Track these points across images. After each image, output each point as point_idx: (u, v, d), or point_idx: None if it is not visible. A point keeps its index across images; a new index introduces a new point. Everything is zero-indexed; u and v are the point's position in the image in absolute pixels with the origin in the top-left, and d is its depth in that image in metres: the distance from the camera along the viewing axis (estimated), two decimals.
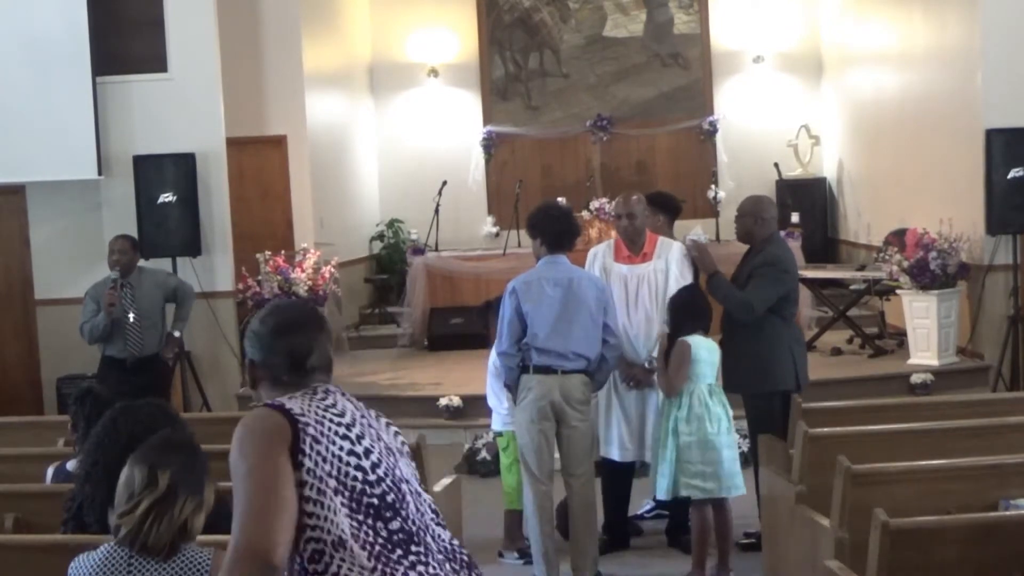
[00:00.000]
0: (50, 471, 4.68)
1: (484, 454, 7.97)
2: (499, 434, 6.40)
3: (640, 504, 6.75)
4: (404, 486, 2.79)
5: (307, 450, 2.63)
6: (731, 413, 5.82)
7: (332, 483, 2.64)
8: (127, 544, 3.05)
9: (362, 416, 2.82)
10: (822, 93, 13.58)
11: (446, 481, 5.71)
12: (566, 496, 5.89)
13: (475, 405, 8.51)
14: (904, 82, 11.13)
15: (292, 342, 2.81)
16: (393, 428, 2.92)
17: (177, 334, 8.01)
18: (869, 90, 12.15)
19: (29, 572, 3.68)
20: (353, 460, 2.70)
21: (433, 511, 2.87)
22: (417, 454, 5.17)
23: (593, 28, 13.76)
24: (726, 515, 5.81)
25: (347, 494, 2.66)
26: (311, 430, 2.66)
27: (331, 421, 2.71)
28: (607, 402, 6.21)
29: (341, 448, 2.69)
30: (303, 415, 2.68)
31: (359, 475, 2.69)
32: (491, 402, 6.40)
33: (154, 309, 7.80)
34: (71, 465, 4.49)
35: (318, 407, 2.73)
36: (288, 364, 2.80)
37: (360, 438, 2.74)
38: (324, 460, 2.65)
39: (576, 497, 5.75)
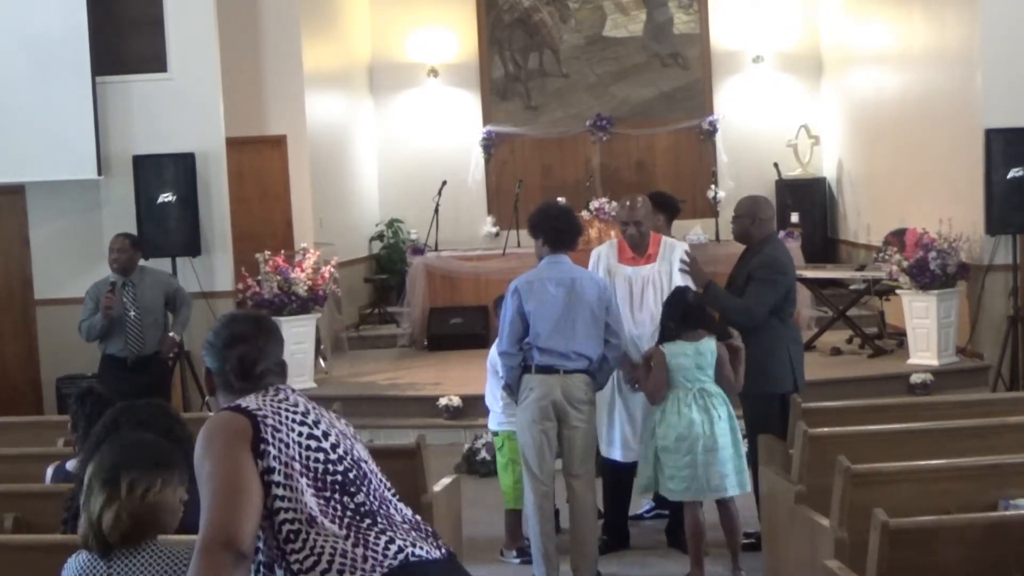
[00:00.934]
0: (50, 471, 4.68)
1: (484, 454, 7.97)
2: (496, 434, 6.40)
3: (640, 504, 6.75)
4: (364, 465, 3.02)
5: (269, 439, 2.85)
6: (722, 415, 5.73)
7: (297, 466, 2.86)
8: (92, 549, 3.06)
9: (315, 407, 3.05)
10: (822, 93, 13.58)
11: (446, 481, 5.71)
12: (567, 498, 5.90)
13: (475, 405, 8.51)
14: (904, 82, 11.14)
15: (241, 351, 3.05)
16: (344, 420, 3.14)
17: (176, 337, 7.97)
18: (869, 90, 12.15)
19: (29, 572, 3.67)
20: (313, 443, 2.93)
21: (392, 491, 3.08)
22: (417, 454, 5.19)
23: (593, 28, 13.76)
24: (728, 513, 5.78)
25: (311, 475, 2.88)
26: (270, 421, 2.88)
27: (287, 412, 2.95)
28: (610, 402, 6.20)
29: (300, 434, 2.92)
30: (260, 409, 2.91)
31: (320, 456, 2.92)
32: (488, 401, 6.41)
33: (155, 306, 7.80)
34: (71, 465, 4.48)
35: (272, 401, 2.96)
36: (238, 371, 3.05)
37: (317, 423, 2.98)
38: (287, 446, 2.87)
39: (577, 498, 5.75)
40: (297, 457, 2.87)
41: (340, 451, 2.97)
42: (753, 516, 6.08)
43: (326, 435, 2.97)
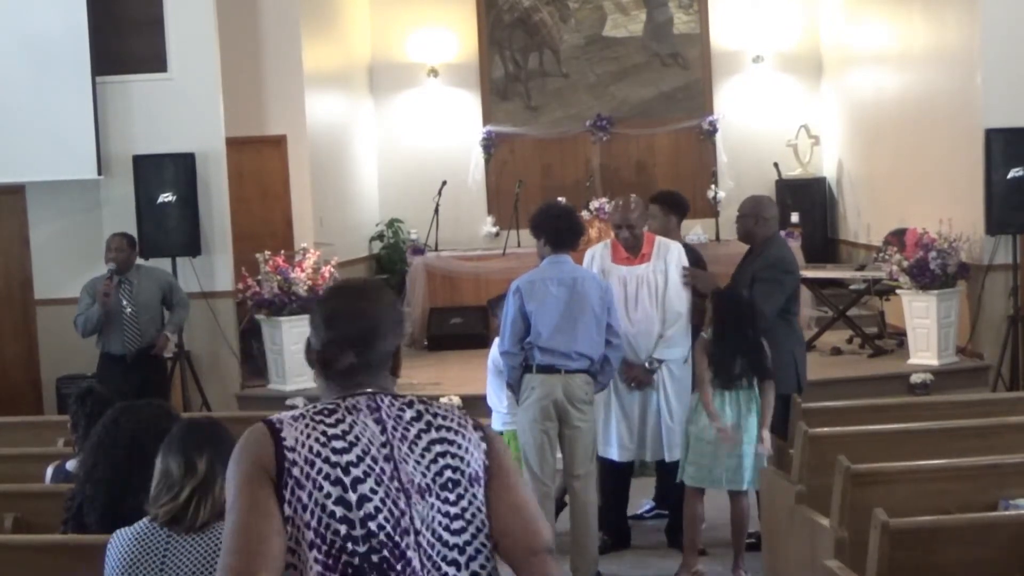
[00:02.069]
0: (50, 471, 4.68)
1: None
2: (500, 433, 6.40)
3: (640, 504, 6.75)
4: (408, 539, 2.41)
5: (287, 496, 2.39)
6: (748, 412, 5.72)
7: (309, 535, 2.38)
8: (168, 524, 3.19)
9: (382, 445, 2.46)
10: (822, 93, 13.58)
11: None
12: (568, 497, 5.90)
13: (475, 405, 8.49)
14: (904, 82, 11.14)
15: (329, 337, 2.54)
16: (437, 450, 2.49)
17: (170, 336, 7.91)
18: (869, 90, 12.15)
19: (29, 572, 3.68)
20: (339, 511, 2.39)
21: (454, 561, 2.47)
22: None
23: (593, 28, 13.75)
24: (739, 507, 5.78)
25: (324, 548, 2.38)
26: (296, 471, 2.39)
27: (326, 461, 2.41)
28: (607, 402, 6.20)
29: (328, 496, 2.39)
30: (293, 449, 2.41)
31: (342, 528, 2.39)
32: (491, 401, 6.40)
33: (152, 303, 7.80)
34: (71, 465, 4.48)
35: (320, 437, 2.43)
36: (319, 360, 2.56)
37: (358, 481, 2.42)
38: (304, 508, 2.38)
39: (577, 497, 5.75)
40: (313, 524, 2.38)
41: (373, 525, 2.39)
42: (753, 516, 6.08)
43: (363, 500, 2.40)
